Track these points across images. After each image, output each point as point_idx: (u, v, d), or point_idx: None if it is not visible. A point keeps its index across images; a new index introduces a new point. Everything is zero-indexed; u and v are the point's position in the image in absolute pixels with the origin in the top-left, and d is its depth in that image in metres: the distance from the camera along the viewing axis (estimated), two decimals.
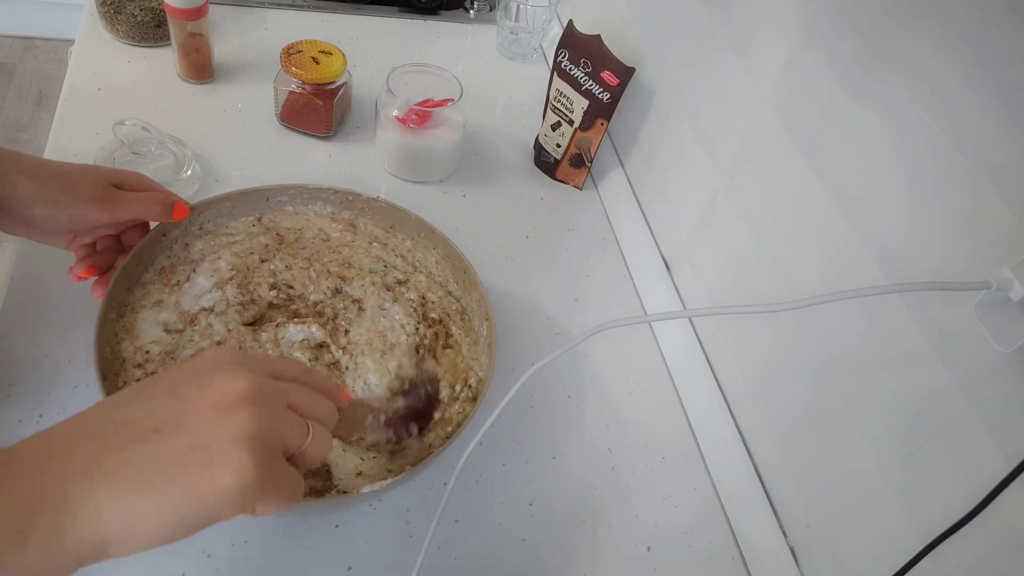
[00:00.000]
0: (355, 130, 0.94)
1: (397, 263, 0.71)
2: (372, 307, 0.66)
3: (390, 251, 0.72)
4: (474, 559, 0.61)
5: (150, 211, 0.61)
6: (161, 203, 0.62)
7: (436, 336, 0.66)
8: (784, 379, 0.64)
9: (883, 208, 0.52)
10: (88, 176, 0.58)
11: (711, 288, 0.75)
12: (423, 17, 1.16)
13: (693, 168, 0.78)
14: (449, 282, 0.71)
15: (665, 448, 0.71)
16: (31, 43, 2.30)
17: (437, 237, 0.70)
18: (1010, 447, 0.43)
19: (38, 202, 0.55)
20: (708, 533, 0.66)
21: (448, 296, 0.70)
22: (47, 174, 0.56)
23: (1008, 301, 0.42)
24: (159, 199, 0.62)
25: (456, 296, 0.70)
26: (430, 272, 0.71)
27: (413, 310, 0.67)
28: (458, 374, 0.64)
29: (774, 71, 0.64)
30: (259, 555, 0.57)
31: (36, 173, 0.55)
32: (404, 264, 0.71)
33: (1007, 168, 0.43)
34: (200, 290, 0.64)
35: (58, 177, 0.56)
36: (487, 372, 0.62)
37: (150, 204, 0.61)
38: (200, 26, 0.89)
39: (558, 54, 0.87)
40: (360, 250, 0.71)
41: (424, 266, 0.71)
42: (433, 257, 0.72)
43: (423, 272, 0.71)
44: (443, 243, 0.70)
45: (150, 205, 0.61)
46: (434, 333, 0.66)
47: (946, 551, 0.47)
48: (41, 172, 0.55)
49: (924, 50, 0.49)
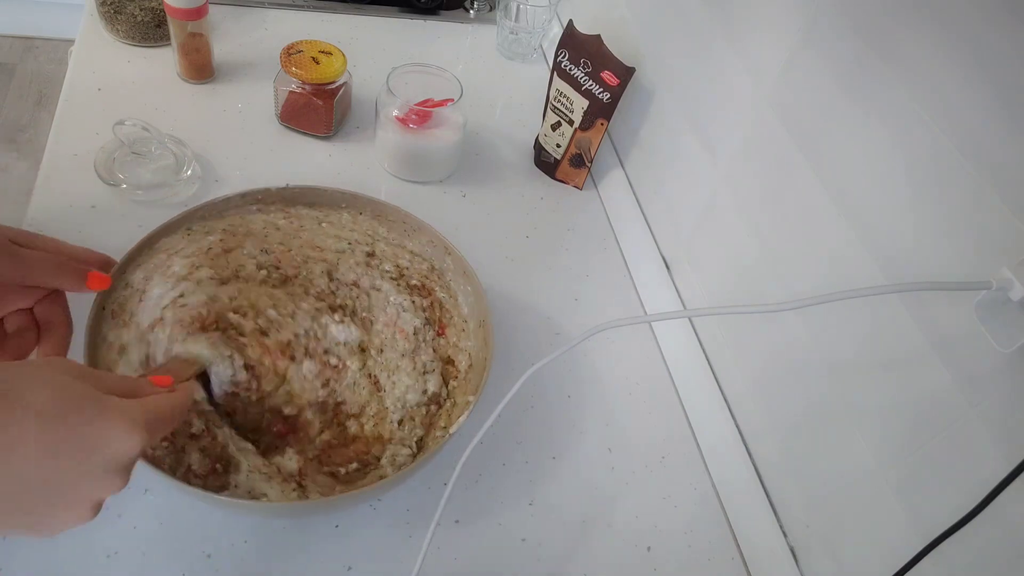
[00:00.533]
0: (355, 130, 0.94)
1: (355, 237, 0.71)
2: (370, 288, 0.68)
3: (340, 227, 0.72)
4: (474, 559, 0.61)
5: (59, 277, 0.52)
6: (73, 271, 0.52)
7: (432, 306, 0.68)
8: (784, 379, 0.64)
9: (883, 208, 0.52)
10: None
11: (711, 288, 0.75)
12: (423, 17, 1.16)
13: (693, 168, 0.78)
14: (404, 242, 0.72)
15: (665, 448, 0.71)
16: (31, 43, 2.30)
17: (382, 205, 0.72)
18: (1010, 447, 0.43)
19: None
20: (708, 533, 0.66)
21: (415, 257, 0.71)
22: None
23: (1008, 301, 0.42)
24: (71, 265, 0.52)
25: (421, 255, 0.71)
26: (385, 237, 0.72)
27: (396, 284, 0.68)
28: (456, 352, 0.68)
29: (774, 71, 0.64)
30: (259, 555, 0.58)
31: None
32: (362, 236, 0.71)
33: (1007, 168, 0.43)
34: (159, 295, 0.59)
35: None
36: (485, 375, 0.62)
37: (59, 270, 0.52)
38: (200, 26, 0.89)
39: (558, 54, 0.87)
40: (315, 232, 0.70)
41: (378, 233, 0.72)
42: (379, 224, 0.73)
43: (381, 240, 0.72)
44: (371, 203, 0.72)
45: (59, 271, 0.52)
46: (430, 303, 0.68)
47: (946, 551, 0.47)
48: None
49: (924, 50, 0.49)
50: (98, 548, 0.55)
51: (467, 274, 0.68)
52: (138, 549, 0.56)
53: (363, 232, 0.72)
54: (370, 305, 0.67)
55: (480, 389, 0.60)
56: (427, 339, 0.67)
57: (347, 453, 0.61)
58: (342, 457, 0.60)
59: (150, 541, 0.56)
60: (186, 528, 0.58)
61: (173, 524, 0.58)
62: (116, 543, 0.56)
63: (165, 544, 0.57)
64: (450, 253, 0.70)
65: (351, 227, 0.72)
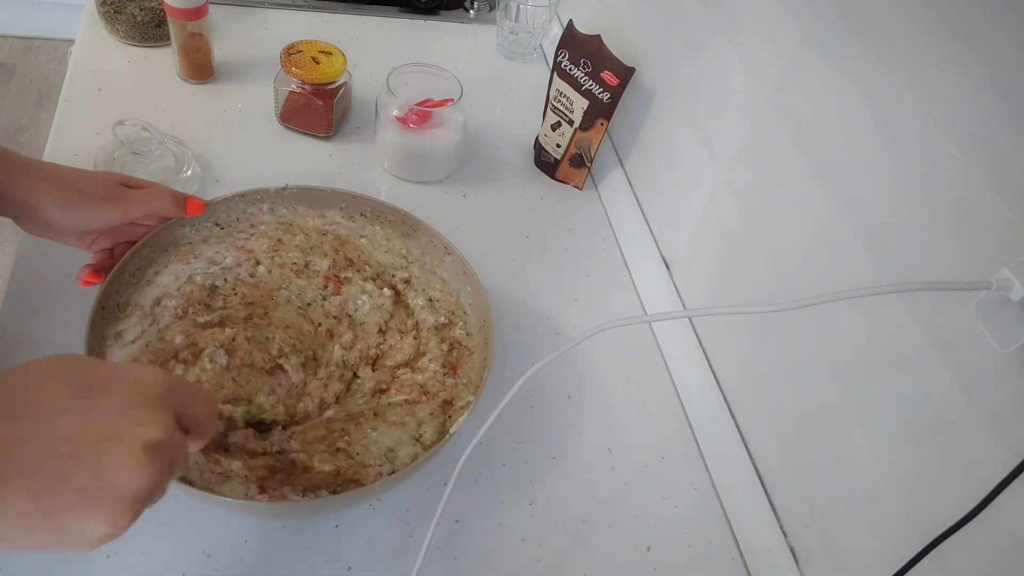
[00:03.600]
0: (355, 130, 0.94)
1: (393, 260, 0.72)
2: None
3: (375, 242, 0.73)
4: (474, 559, 0.61)
5: (161, 205, 0.63)
6: (171, 196, 0.64)
7: (451, 350, 0.66)
8: (784, 379, 0.64)
9: (883, 207, 0.52)
10: (99, 178, 0.61)
11: (711, 288, 0.75)
12: (423, 17, 1.16)
13: (693, 168, 0.78)
14: (436, 268, 0.72)
15: (665, 448, 0.71)
16: (31, 43, 2.30)
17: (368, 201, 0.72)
18: (1010, 447, 0.43)
19: (54, 206, 0.58)
20: (708, 533, 0.66)
21: (445, 285, 0.71)
22: (62, 180, 0.59)
23: (1008, 301, 0.42)
24: (169, 192, 0.64)
25: (451, 283, 0.71)
26: (419, 260, 0.72)
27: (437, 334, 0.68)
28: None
29: (774, 71, 0.64)
30: (259, 555, 0.58)
31: (52, 179, 0.59)
32: (397, 258, 0.72)
33: (1007, 168, 0.43)
34: (167, 282, 0.64)
35: (72, 182, 0.60)
36: (484, 373, 0.62)
37: (160, 198, 0.63)
38: (200, 26, 0.89)
39: (558, 54, 0.87)
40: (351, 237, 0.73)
41: (412, 255, 0.72)
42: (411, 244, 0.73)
43: (415, 263, 0.72)
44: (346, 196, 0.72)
45: (160, 199, 0.63)
46: (448, 346, 0.67)
47: (946, 551, 0.47)
48: (57, 178, 0.59)
49: (925, 50, 0.49)
50: (98, 548, 0.55)
51: (467, 274, 0.68)
52: (138, 549, 0.56)
53: (398, 254, 0.72)
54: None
55: (480, 389, 0.60)
56: (435, 386, 0.64)
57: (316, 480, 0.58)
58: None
59: (150, 541, 0.56)
60: (186, 528, 0.58)
61: (173, 524, 0.58)
62: (116, 543, 0.55)
63: (165, 544, 0.57)
64: (450, 253, 0.70)
65: (386, 246, 0.72)
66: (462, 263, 0.69)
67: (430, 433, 0.59)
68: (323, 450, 0.57)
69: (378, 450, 0.58)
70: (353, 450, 0.57)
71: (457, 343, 0.66)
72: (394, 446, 0.58)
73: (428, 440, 0.59)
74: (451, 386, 0.64)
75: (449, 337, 0.67)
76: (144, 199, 0.62)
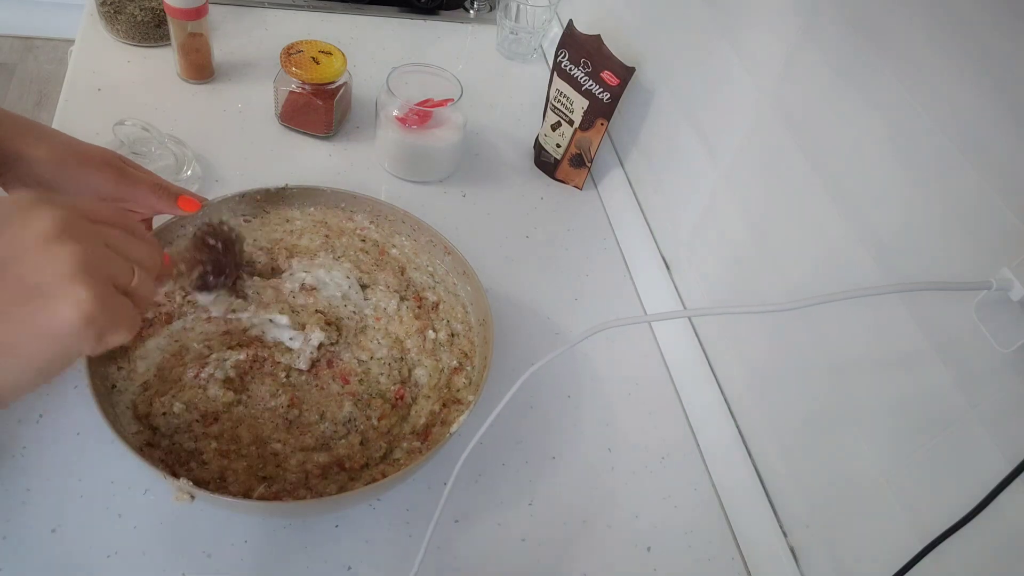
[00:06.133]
0: (355, 130, 0.94)
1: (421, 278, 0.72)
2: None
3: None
4: (474, 559, 0.61)
5: (157, 197, 0.60)
6: (167, 190, 0.61)
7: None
8: (784, 379, 0.64)
9: (883, 208, 0.52)
10: (97, 147, 0.59)
11: (711, 288, 0.75)
12: (423, 17, 1.16)
13: (693, 168, 0.78)
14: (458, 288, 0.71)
15: (665, 448, 0.71)
16: (31, 43, 2.30)
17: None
18: (1010, 447, 0.43)
19: (49, 162, 0.56)
20: (708, 533, 0.66)
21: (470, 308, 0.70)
22: (59, 138, 0.58)
23: (1008, 301, 0.42)
24: (165, 185, 0.61)
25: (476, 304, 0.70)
26: (443, 281, 0.72)
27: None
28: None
29: (774, 71, 0.64)
30: (259, 555, 0.58)
31: (49, 136, 0.57)
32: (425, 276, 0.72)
33: (1007, 168, 0.43)
34: None
35: (69, 143, 0.58)
36: (484, 372, 0.62)
37: (157, 189, 0.60)
38: (200, 26, 0.89)
39: (558, 54, 0.87)
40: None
41: (437, 273, 0.72)
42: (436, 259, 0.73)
43: (441, 284, 0.72)
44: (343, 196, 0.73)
45: (157, 190, 0.60)
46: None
47: (946, 551, 0.47)
48: (54, 135, 0.58)
49: (925, 50, 0.49)
50: (98, 548, 0.55)
51: (467, 274, 0.68)
52: (138, 549, 0.56)
53: (424, 271, 0.71)
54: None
55: (480, 389, 0.60)
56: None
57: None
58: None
59: (150, 541, 0.56)
60: (186, 528, 0.58)
61: (173, 524, 0.58)
62: (116, 543, 0.56)
63: (165, 544, 0.57)
64: (450, 253, 0.70)
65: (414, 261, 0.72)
66: (462, 263, 0.69)
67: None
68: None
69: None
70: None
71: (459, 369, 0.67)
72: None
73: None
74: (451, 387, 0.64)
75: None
76: (142, 185, 0.60)
